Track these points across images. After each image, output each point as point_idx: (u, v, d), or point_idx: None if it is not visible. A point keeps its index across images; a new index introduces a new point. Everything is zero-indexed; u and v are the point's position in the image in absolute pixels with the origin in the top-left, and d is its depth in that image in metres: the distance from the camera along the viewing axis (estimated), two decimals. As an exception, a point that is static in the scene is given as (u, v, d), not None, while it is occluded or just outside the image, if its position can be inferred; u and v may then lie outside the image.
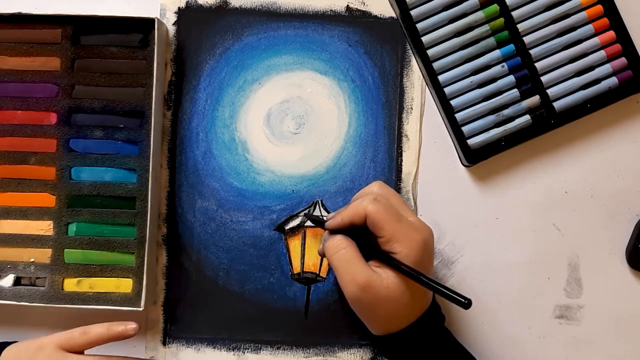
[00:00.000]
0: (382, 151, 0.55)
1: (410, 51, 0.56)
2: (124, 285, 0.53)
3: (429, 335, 0.47)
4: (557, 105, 0.54)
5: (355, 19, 0.56)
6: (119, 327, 0.49)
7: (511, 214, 0.55)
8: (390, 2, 0.56)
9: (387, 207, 0.45)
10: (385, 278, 0.44)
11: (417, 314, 0.46)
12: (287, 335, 0.55)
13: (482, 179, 0.55)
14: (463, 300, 0.42)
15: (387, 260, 0.45)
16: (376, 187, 0.48)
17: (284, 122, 0.56)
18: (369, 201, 0.45)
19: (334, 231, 0.47)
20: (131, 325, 0.49)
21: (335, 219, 0.47)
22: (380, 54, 0.56)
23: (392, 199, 0.47)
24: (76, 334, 0.49)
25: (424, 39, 0.54)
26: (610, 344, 0.55)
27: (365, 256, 0.46)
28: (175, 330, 0.55)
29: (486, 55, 0.54)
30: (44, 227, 0.54)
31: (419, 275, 0.44)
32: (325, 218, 0.50)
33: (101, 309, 0.52)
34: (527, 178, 0.55)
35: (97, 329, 0.49)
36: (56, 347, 0.48)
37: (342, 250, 0.45)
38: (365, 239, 0.46)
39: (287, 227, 0.55)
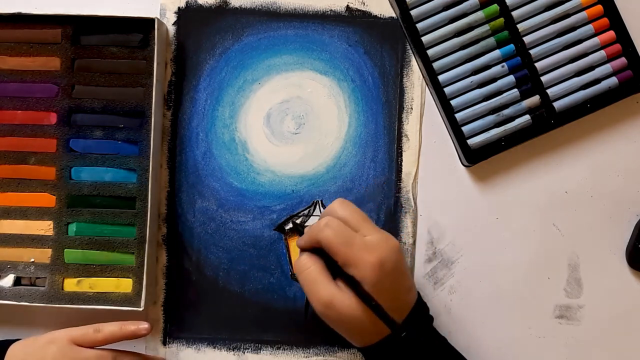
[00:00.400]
0: (382, 151, 0.55)
1: (410, 51, 0.56)
2: (124, 285, 0.53)
3: (411, 345, 0.45)
4: (557, 105, 0.54)
5: (355, 19, 0.56)
6: (132, 326, 0.51)
7: (511, 214, 0.55)
8: (390, 2, 0.56)
9: (338, 231, 0.44)
10: (348, 297, 0.44)
11: (388, 330, 0.45)
12: (287, 335, 0.55)
13: (482, 179, 0.55)
14: (400, 333, 0.44)
15: (348, 281, 0.45)
16: (337, 206, 0.47)
17: (284, 122, 0.56)
18: (320, 228, 0.45)
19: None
20: (143, 325, 0.51)
21: (299, 241, 0.48)
22: (380, 54, 0.56)
23: (349, 219, 0.46)
24: (90, 331, 0.50)
25: (424, 39, 0.54)
26: (610, 344, 0.54)
27: (335, 273, 0.46)
28: (175, 330, 0.55)
29: (486, 55, 0.54)
30: (44, 227, 0.54)
31: (370, 300, 0.44)
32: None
33: (101, 309, 0.52)
34: (527, 178, 0.55)
35: (110, 327, 0.50)
36: (69, 341, 0.49)
37: (307, 270, 0.45)
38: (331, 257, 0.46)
39: (287, 227, 0.55)
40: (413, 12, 0.54)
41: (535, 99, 0.54)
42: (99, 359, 0.49)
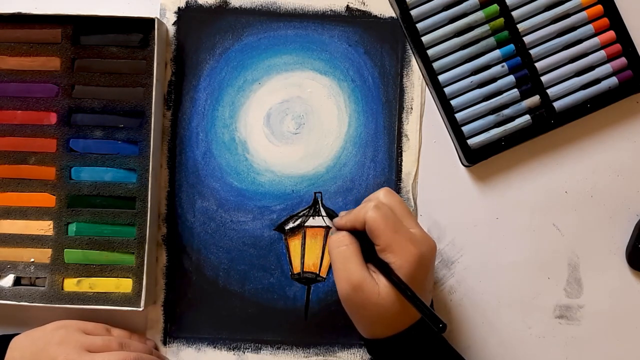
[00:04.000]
0: (382, 151, 0.55)
1: (410, 51, 0.56)
2: (124, 285, 0.53)
3: (417, 345, 0.46)
4: (557, 105, 0.54)
5: (355, 19, 0.56)
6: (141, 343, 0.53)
7: (511, 214, 0.55)
8: (390, 2, 0.56)
9: (387, 216, 0.45)
10: (378, 284, 0.45)
11: (406, 324, 0.45)
12: (287, 335, 0.55)
13: (482, 179, 0.55)
14: (439, 325, 0.43)
15: (381, 267, 0.45)
16: (382, 194, 0.47)
17: (284, 122, 0.56)
18: (370, 208, 0.45)
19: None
20: (150, 342, 0.53)
21: (340, 219, 0.48)
22: (380, 54, 0.56)
23: (396, 208, 0.46)
24: (101, 327, 0.52)
25: (424, 39, 0.54)
26: (610, 344, 0.54)
27: (367, 258, 0.46)
28: (175, 330, 0.55)
29: (486, 55, 0.54)
30: (44, 227, 0.54)
31: (406, 289, 0.44)
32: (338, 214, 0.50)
33: (101, 309, 0.52)
34: (527, 178, 0.55)
35: (120, 332, 0.53)
36: (78, 329, 0.51)
37: (344, 246, 0.46)
38: (368, 242, 0.46)
39: (287, 227, 0.55)
40: (413, 12, 0.54)
41: (535, 99, 0.54)
42: (106, 343, 0.50)
